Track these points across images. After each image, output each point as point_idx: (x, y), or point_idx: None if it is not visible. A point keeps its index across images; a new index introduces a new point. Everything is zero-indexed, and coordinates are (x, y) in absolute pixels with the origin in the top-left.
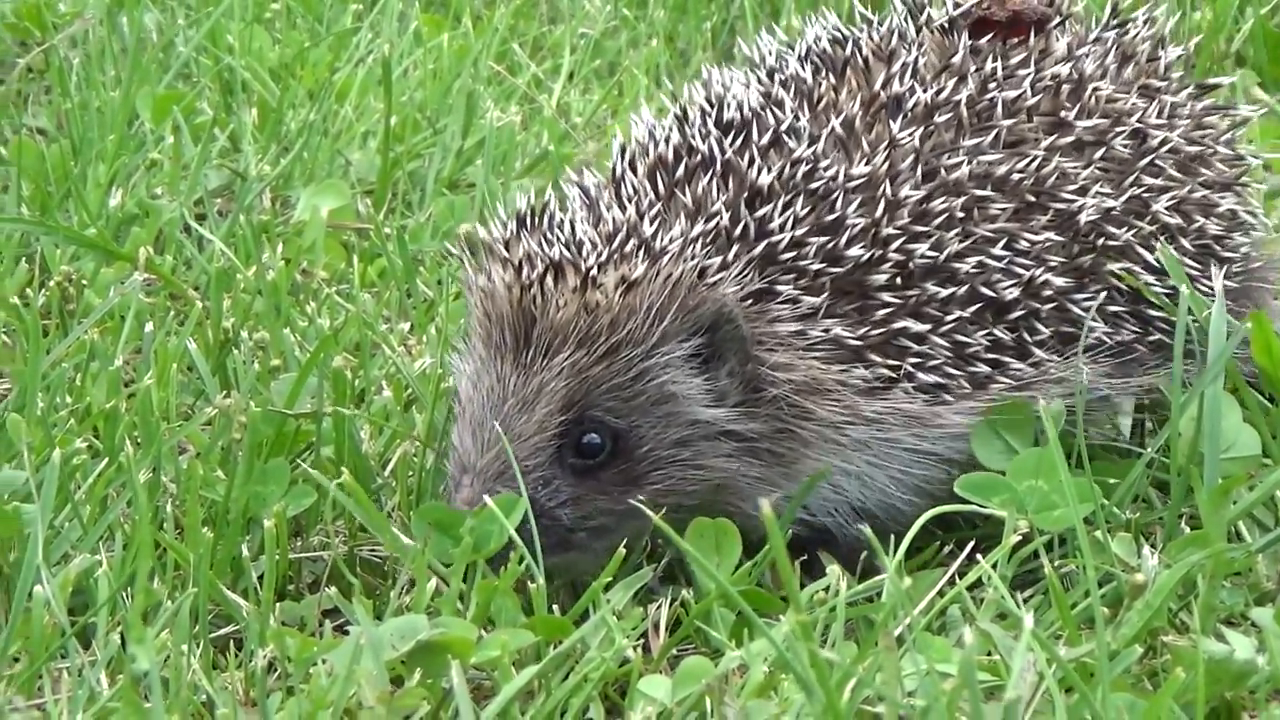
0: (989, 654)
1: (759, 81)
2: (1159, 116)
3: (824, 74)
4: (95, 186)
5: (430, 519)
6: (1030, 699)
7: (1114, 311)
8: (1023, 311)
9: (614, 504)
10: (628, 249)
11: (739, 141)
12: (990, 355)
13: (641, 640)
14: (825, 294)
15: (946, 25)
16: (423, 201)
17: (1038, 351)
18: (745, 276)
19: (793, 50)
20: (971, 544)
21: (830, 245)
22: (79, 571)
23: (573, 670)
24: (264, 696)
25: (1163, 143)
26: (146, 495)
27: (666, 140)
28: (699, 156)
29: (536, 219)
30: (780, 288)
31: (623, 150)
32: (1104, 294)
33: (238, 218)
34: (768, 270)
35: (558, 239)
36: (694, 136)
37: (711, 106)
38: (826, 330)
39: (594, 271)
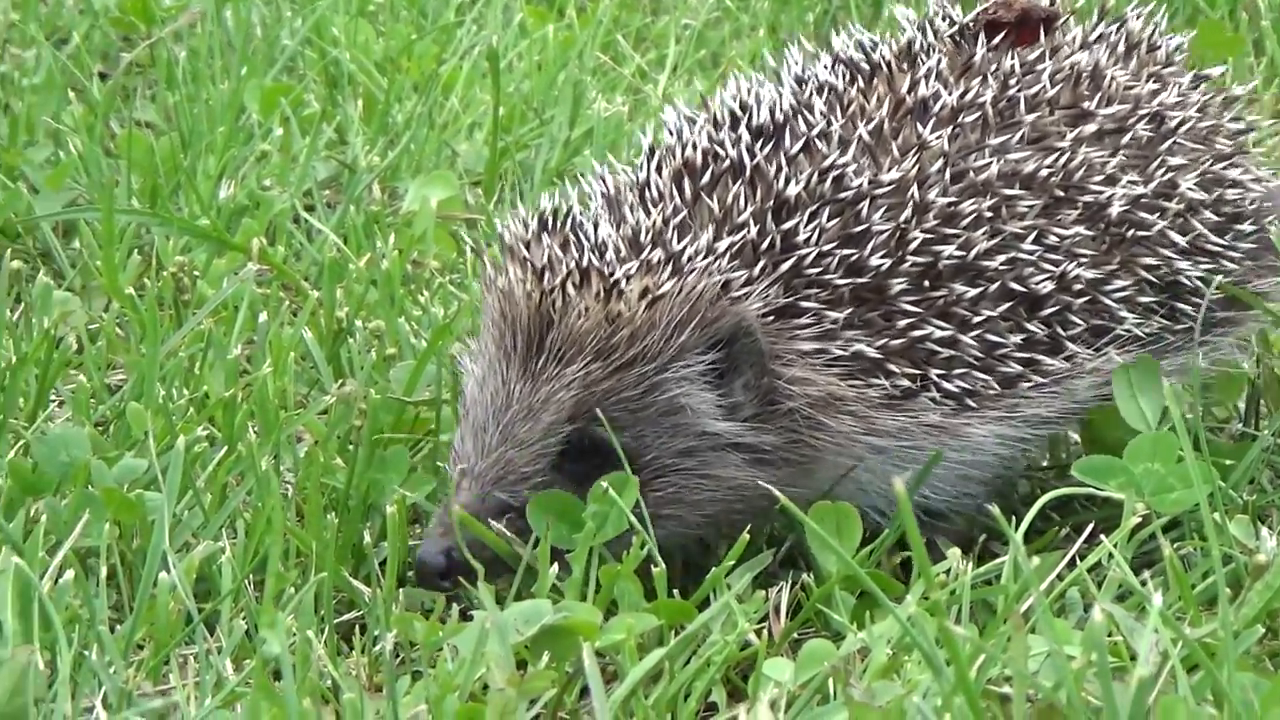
0: (1110, 634)
1: (790, 88)
2: (1173, 98)
3: (852, 81)
4: (205, 178)
5: (549, 506)
6: (1155, 678)
7: (1143, 302)
8: (1055, 306)
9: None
10: (654, 259)
11: (768, 148)
12: (1022, 354)
13: (763, 624)
14: (848, 306)
15: (958, 35)
16: (532, 191)
17: (1070, 345)
18: (770, 292)
19: (818, 60)
20: (1090, 527)
21: (854, 257)
22: (203, 558)
23: (695, 654)
24: (391, 680)
25: (1180, 123)
26: (271, 481)
27: (694, 145)
28: (727, 162)
29: (559, 220)
30: (803, 303)
31: (651, 152)
32: (1134, 285)
33: (347, 209)
34: (792, 284)
35: (581, 242)
36: (723, 141)
37: (743, 111)
38: (846, 344)
39: (619, 281)
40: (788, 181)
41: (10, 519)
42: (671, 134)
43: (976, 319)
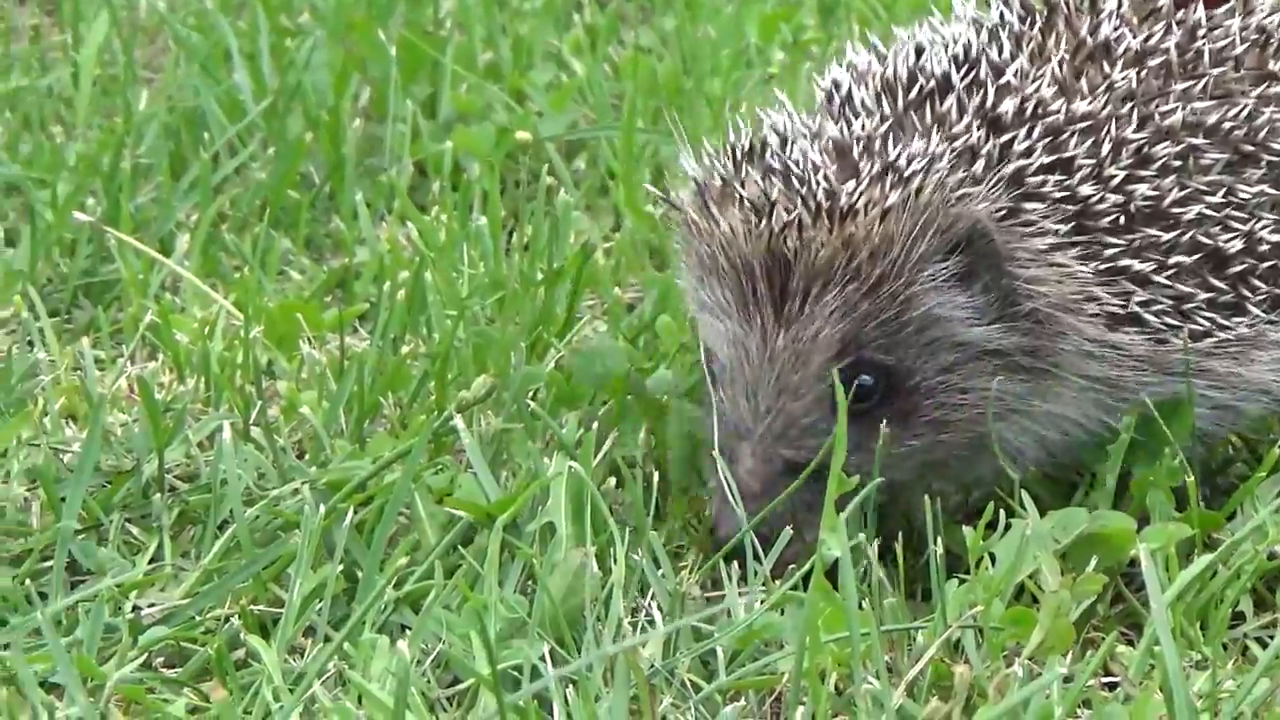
0: None
1: (969, 27)
2: None
3: (1030, 23)
4: (711, 102)
5: None
6: None
7: None
8: (1241, 267)
9: (892, 444)
10: (871, 171)
11: (968, 76)
12: (1207, 313)
13: None
14: (1065, 224)
15: None
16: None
17: (1256, 310)
18: (995, 194)
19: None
20: None
21: (1064, 180)
22: None
23: (1225, 564)
24: (941, 582)
25: None
26: None
27: (893, 67)
28: (932, 82)
29: (756, 151)
30: (1026, 213)
31: (836, 86)
32: None
33: None
34: (1015, 191)
35: (790, 170)
36: (923, 66)
37: (930, 46)
38: (1064, 253)
39: (845, 203)
40: (996, 102)
41: None
42: (857, 67)
43: (1169, 264)
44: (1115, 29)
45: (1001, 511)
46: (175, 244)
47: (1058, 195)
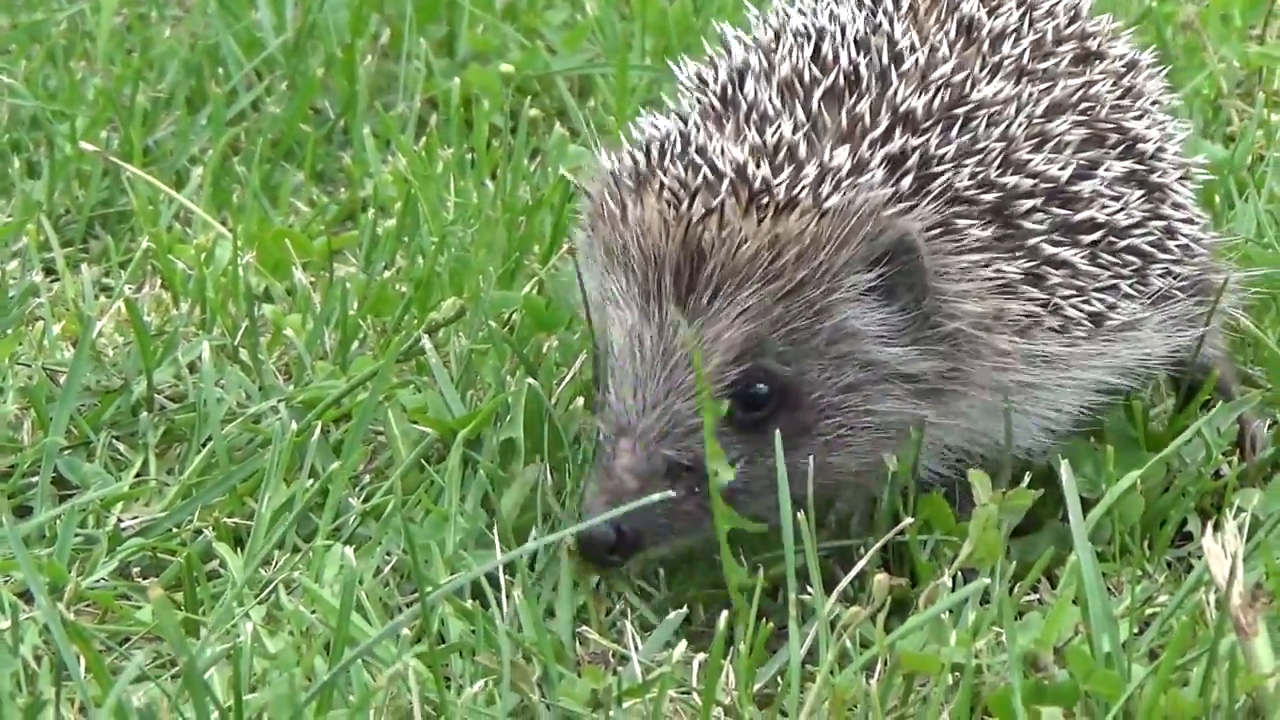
0: None
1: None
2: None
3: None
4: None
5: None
6: None
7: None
8: (1132, 240)
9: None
10: (809, 174)
11: (865, 59)
12: (1108, 293)
13: (1236, 456)
14: (988, 225)
15: None
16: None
17: (1157, 282)
18: (923, 206)
19: None
20: None
21: (982, 174)
22: None
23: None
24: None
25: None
26: None
27: (796, 55)
28: (838, 74)
29: (669, 144)
30: (955, 220)
31: (740, 73)
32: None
33: None
34: (942, 199)
35: (714, 163)
36: (825, 53)
37: (831, 22)
38: (991, 263)
39: (786, 198)
40: (906, 93)
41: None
42: (751, 47)
43: (1074, 248)
44: (974, 8)
45: None
46: (190, 177)
47: (981, 193)
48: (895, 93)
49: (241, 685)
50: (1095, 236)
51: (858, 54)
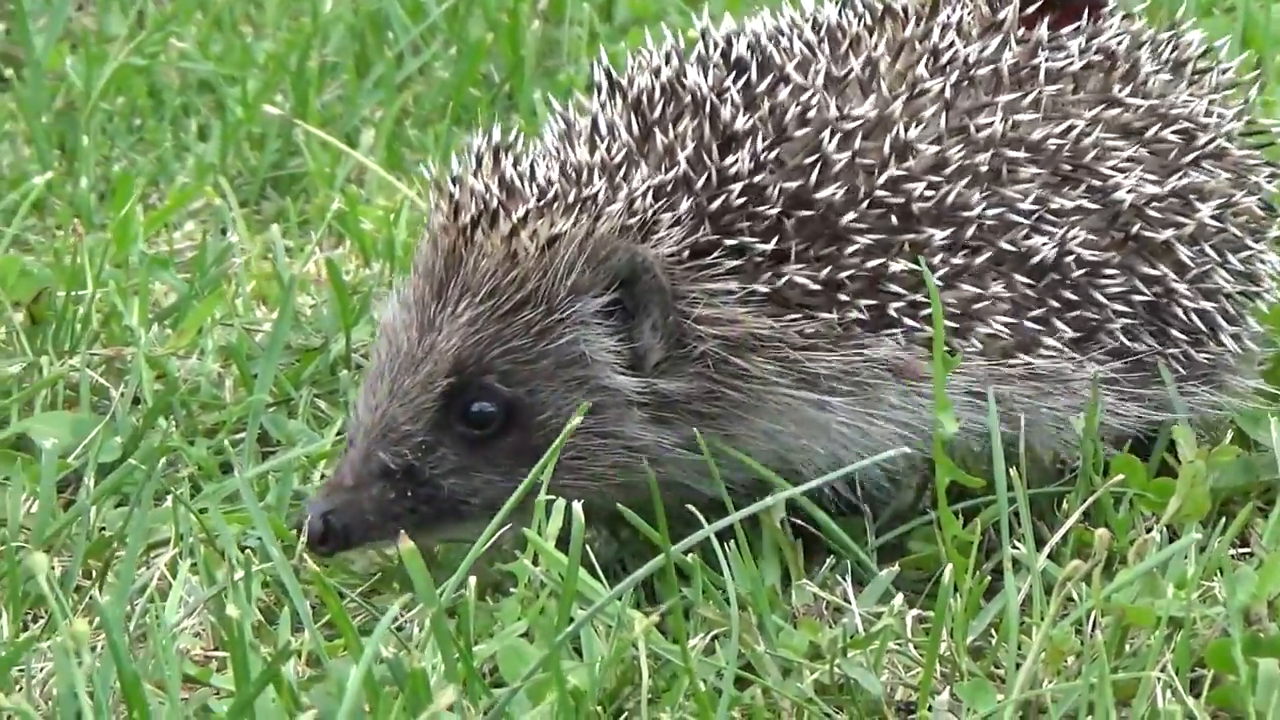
0: None
1: (789, 23)
2: (1207, 117)
3: (861, 22)
4: None
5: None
6: None
7: (1137, 308)
8: (1052, 276)
9: (505, 479)
10: (566, 197)
11: (738, 80)
12: (1007, 319)
13: None
14: (789, 239)
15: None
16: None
17: (1062, 328)
18: (688, 230)
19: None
20: None
21: (798, 187)
22: None
23: None
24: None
25: (1210, 143)
26: None
27: (655, 76)
28: (684, 95)
29: (503, 154)
30: (729, 240)
31: (611, 82)
32: (1128, 285)
33: None
34: (721, 220)
35: (510, 180)
36: (683, 73)
37: (727, 43)
38: (778, 277)
39: (521, 220)
40: (738, 114)
41: None
42: (640, 66)
43: (950, 267)
44: (946, 38)
45: None
46: (360, 139)
47: (774, 211)
48: (727, 112)
49: (469, 636)
50: (980, 260)
51: (699, 77)
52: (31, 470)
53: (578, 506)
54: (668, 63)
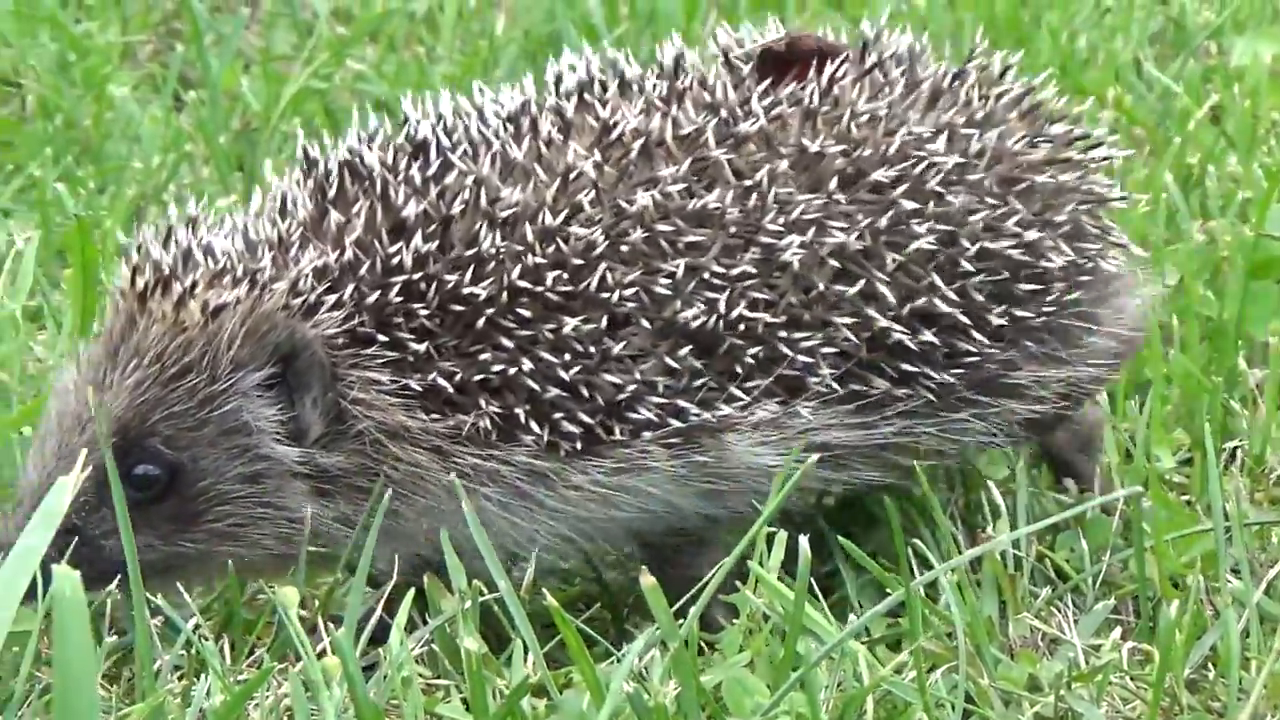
0: None
1: (480, 106)
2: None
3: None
4: (1053, 33)
5: None
6: None
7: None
8: (724, 346)
9: (163, 543)
10: (240, 271)
11: (413, 164)
12: (662, 399)
13: None
14: (441, 336)
15: (732, 63)
16: None
17: (740, 393)
18: (349, 316)
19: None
20: None
21: (453, 283)
22: None
23: None
24: None
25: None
26: None
27: (346, 154)
28: (364, 174)
29: (189, 225)
30: (385, 333)
31: (308, 158)
32: (825, 340)
33: (1185, 62)
34: (382, 311)
35: (190, 249)
36: (363, 153)
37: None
38: (426, 376)
39: (188, 289)
40: (409, 200)
41: None
42: (334, 144)
43: (591, 356)
44: (614, 112)
45: None
46: None
47: (427, 310)
48: (398, 198)
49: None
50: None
51: (379, 157)
52: None
53: (804, 541)
54: (359, 141)
